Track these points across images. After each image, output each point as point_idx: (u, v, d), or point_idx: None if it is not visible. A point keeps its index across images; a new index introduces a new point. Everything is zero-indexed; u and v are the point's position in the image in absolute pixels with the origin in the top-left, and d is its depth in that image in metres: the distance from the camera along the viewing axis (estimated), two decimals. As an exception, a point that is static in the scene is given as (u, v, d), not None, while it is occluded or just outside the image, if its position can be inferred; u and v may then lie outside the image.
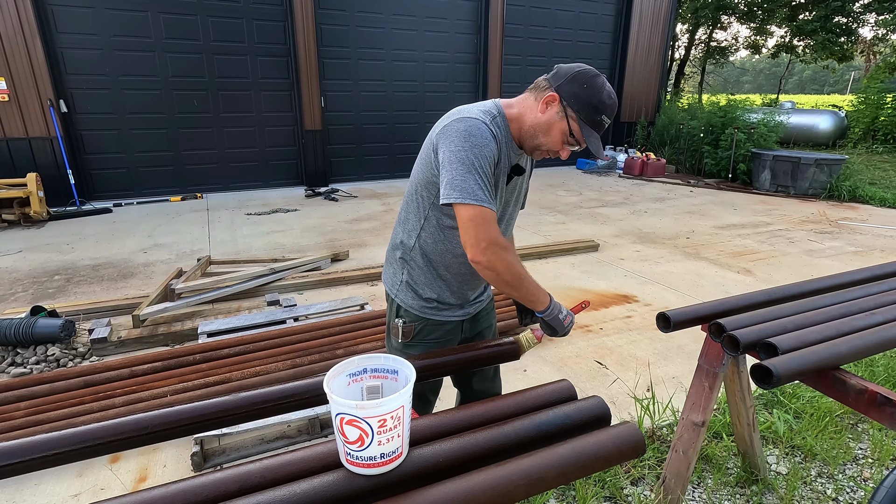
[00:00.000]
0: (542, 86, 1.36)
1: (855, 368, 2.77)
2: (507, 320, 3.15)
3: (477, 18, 8.90)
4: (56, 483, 2.03)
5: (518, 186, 1.51)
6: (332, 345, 2.82)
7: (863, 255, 4.99)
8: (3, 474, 0.94)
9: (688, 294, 3.97)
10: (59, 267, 4.48)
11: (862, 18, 18.22)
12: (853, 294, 1.74)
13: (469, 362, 1.39)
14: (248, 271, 4.00)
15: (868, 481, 2.06)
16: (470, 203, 1.25)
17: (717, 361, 1.64)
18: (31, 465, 0.95)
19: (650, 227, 6.01)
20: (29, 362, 2.87)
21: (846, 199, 7.58)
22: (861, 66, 29.38)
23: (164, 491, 0.81)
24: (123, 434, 1.02)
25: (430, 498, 0.80)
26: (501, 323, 3.09)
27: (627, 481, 2.03)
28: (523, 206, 1.64)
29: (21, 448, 0.95)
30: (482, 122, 1.31)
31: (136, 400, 2.33)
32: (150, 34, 6.84)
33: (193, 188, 7.56)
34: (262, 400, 1.14)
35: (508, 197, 1.49)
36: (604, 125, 1.34)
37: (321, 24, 7.70)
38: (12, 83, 6.22)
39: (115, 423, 1.03)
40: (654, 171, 9.54)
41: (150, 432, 1.04)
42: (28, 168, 6.32)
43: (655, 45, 10.67)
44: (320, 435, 2.29)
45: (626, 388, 2.68)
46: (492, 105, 1.39)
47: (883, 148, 13.15)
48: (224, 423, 1.12)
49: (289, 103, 7.87)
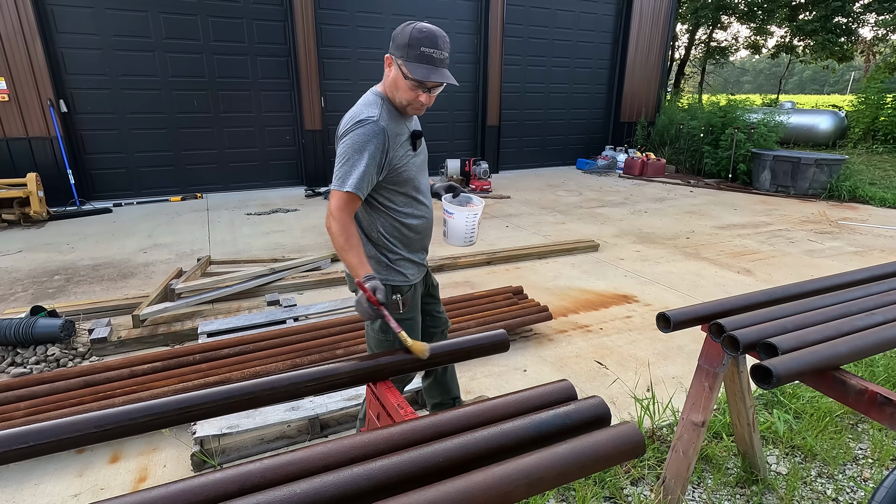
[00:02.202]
0: (386, 59, 1.60)
1: (855, 368, 2.77)
2: (508, 321, 3.15)
3: (477, 18, 8.91)
4: (56, 483, 2.03)
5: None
6: (332, 345, 2.82)
7: (863, 255, 4.99)
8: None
9: (688, 294, 3.97)
10: (59, 267, 4.48)
11: (862, 18, 18.21)
12: (853, 294, 1.74)
13: (465, 352, 1.45)
14: (248, 271, 4.00)
15: (868, 481, 2.06)
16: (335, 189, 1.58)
17: (717, 361, 1.64)
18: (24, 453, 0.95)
19: (650, 227, 6.01)
20: (29, 362, 2.87)
21: (846, 199, 7.58)
22: (861, 66, 29.38)
23: (164, 491, 0.81)
24: (120, 422, 1.02)
25: (430, 498, 0.80)
26: (502, 323, 3.10)
27: (627, 481, 2.03)
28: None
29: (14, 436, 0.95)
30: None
31: (136, 400, 2.32)
32: (150, 34, 6.84)
33: (193, 188, 7.56)
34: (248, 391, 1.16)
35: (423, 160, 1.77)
36: (432, 56, 1.51)
37: (321, 24, 7.70)
38: (12, 83, 6.22)
39: (114, 410, 1.03)
40: (654, 171, 9.54)
41: (154, 418, 1.04)
42: (28, 168, 6.32)
43: (655, 45, 10.67)
44: (320, 435, 2.29)
45: (626, 388, 2.68)
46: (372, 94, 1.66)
47: (883, 148, 13.15)
48: (212, 413, 1.14)
49: (289, 103, 7.87)
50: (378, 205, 1.69)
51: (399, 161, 1.63)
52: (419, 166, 1.74)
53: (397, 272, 1.76)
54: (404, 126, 1.66)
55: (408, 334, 1.41)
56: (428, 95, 1.58)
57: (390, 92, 1.61)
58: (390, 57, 1.57)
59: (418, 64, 1.51)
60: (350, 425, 2.36)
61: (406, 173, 1.67)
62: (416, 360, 1.37)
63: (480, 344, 1.45)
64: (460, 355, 1.44)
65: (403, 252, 1.75)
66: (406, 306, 1.77)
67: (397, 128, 1.62)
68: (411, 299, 1.81)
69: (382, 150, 1.57)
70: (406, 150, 1.65)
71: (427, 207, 1.79)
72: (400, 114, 1.64)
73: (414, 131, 1.69)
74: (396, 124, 1.62)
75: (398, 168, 1.64)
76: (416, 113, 1.66)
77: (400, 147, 1.63)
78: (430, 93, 1.58)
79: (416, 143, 1.69)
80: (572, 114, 10.54)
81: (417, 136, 1.69)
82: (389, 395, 1.29)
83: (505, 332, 1.49)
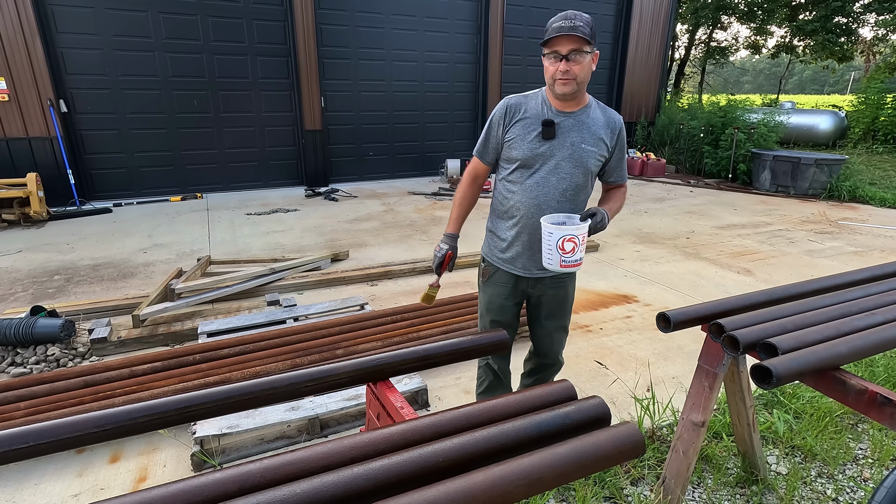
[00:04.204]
0: None
1: (855, 368, 2.77)
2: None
3: (477, 18, 8.91)
4: (56, 483, 2.03)
5: (561, 137, 1.75)
6: (332, 345, 2.82)
7: (863, 255, 4.99)
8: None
9: (688, 294, 3.97)
10: (59, 267, 4.48)
11: (862, 18, 18.20)
12: (853, 294, 1.74)
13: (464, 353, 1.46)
14: (248, 271, 4.00)
15: (868, 481, 2.06)
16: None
17: (717, 361, 1.64)
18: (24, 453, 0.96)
19: (650, 227, 6.01)
20: (29, 362, 2.87)
21: (846, 199, 7.58)
22: (861, 66, 29.37)
23: (164, 491, 0.81)
24: (120, 422, 1.02)
25: (430, 498, 0.80)
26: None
27: (627, 481, 2.03)
28: (604, 175, 1.94)
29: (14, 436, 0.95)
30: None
31: (136, 400, 2.33)
32: (150, 34, 6.84)
33: (193, 188, 7.56)
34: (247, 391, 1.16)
35: (548, 149, 1.76)
36: (561, 26, 1.60)
37: (321, 24, 7.70)
38: (12, 83, 6.22)
39: (114, 410, 1.03)
40: (654, 171, 9.54)
41: (154, 418, 1.04)
42: (28, 168, 6.32)
43: (655, 45, 10.67)
44: (320, 435, 2.29)
45: (626, 388, 2.68)
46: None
47: (883, 148, 13.15)
48: (212, 413, 1.14)
49: (289, 103, 7.87)
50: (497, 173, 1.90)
51: (512, 137, 1.75)
52: (540, 155, 1.74)
53: (486, 241, 1.98)
54: (543, 111, 1.73)
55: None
56: (565, 62, 1.62)
57: (548, 83, 1.71)
58: (544, 51, 1.68)
59: (546, 38, 1.63)
60: (350, 425, 2.36)
61: (515, 152, 1.76)
62: (416, 360, 1.37)
63: (480, 344, 1.45)
64: (460, 355, 1.44)
65: (492, 225, 1.93)
66: (485, 277, 1.96)
67: (531, 110, 1.74)
68: (492, 278, 1.95)
69: (499, 122, 1.77)
70: (529, 132, 1.73)
71: (526, 198, 1.78)
72: (556, 102, 1.72)
73: (545, 119, 1.72)
74: (533, 108, 1.74)
75: (508, 142, 1.77)
76: (564, 89, 1.66)
77: (521, 126, 1.74)
78: (568, 60, 1.62)
79: (546, 130, 1.71)
80: (572, 114, 10.53)
81: (547, 124, 1.71)
82: (389, 395, 1.29)
83: (505, 332, 1.49)
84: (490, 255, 1.93)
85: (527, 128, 1.72)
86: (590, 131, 1.75)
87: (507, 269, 1.89)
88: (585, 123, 1.74)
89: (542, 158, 1.74)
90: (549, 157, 1.74)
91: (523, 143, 1.73)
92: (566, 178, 1.76)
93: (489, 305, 1.98)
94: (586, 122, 1.74)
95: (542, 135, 1.70)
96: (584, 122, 1.74)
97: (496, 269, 1.92)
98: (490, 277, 1.94)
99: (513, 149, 1.75)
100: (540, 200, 1.77)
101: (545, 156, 1.73)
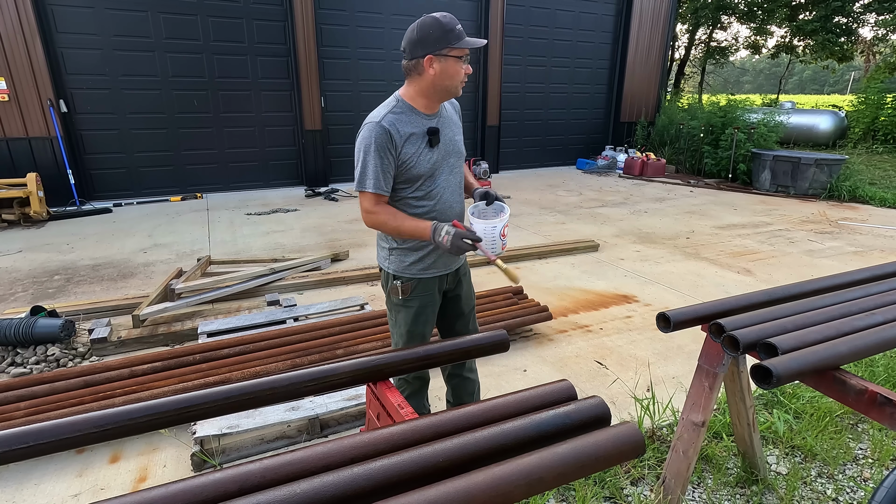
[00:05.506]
0: (410, 66, 1.70)
1: (855, 368, 2.77)
2: (508, 320, 3.15)
3: (477, 18, 8.90)
4: (56, 483, 2.03)
5: (442, 139, 1.79)
6: (332, 345, 2.82)
7: (863, 255, 4.99)
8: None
9: (688, 294, 3.97)
10: (59, 267, 4.48)
11: (862, 18, 18.20)
12: (853, 294, 1.74)
13: (464, 353, 1.45)
14: (248, 271, 4.00)
15: (868, 481, 2.06)
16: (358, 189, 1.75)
17: (717, 361, 1.64)
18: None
19: (650, 227, 6.01)
20: (29, 362, 2.87)
21: (846, 199, 7.58)
22: (861, 66, 29.37)
23: (164, 491, 0.81)
24: (120, 422, 1.02)
25: (430, 498, 0.80)
26: (502, 323, 3.10)
27: (627, 481, 2.03)
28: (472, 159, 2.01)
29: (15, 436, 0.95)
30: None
31: (136, 400, 2.32)
32: (150, 34, 6.84)
33: (193, 188, 7.56)
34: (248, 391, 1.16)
35: (438, 154, 1.79)
36: (462, 31, 1.65)
37: (321, 24, 7.70)
38: (12, 83, 6.22)
39: (114, 410, 1.03)
40: (654, 171, 9.54)
41: (153, 418, 1.04)
42: (28, 168, 6.32)
43: (655, 45, 10.67)
44: (320, 435, 2.29)
45: (626, 388, 2.68)
46: (391, 98, 1.77)
47: (883, 148, 13.15)
48: (212, 413, 1.14)
49: (289, 103, 7.87)
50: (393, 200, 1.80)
51: (408, 157, 1.70)
52: (436, 162, 1.77)
53: (392, 260, 1.89)
54: (420, 124, 1.72)
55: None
56: (468, 66, 1.72)
57: (431, 88, 1.69)
58: (430, 56, 1.63)
59: (461, 41, 1.64)
60: (350, 425, 2.37)
61: (417, 169, 1.73)
62: (416, 360, 1.37)
63: (480, 344, 1.45)
64: (460, 355, 1.44)
65: (400, 244, 1.85)
66: (405, 294, 1.86)
67: (409, 126, 1.70)
68: (415, 291, 1.87)
69: (387, 148, 1.67)
70: (420, 146, 1.71)
71: (438, 203, 1.80)
72: (421, 111, 1.73)
73: (429, 128, 1.73)
74: (408, 123, 1.70)
75: (405, 164, 1.71)
76: (460, 90, 1.74)
77: (411, 144, 1.70)
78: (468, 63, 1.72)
79: (433, 139, 1.73)
80: (572, 114, 10.54)
81: (433, 132, 1.73)
82: (389, 395, 1.29)
83: (505, 332, 1.49)
84: (405, 270, 1.84)
85: (416, 143, 1.71)
86: (453, 122, 1.86)
87: (430, 275, 1.85)
88: (446, 117, 1.83)
89: (438, 165, 1.78)
90: (442, 161, 1.80)
91: (422, 158, 1.73)
92: (457, 171, 1.87)
93: (418, 319, 1.89)
94: (446, 115, 1.83)
95: (430, 143, 1.74)
96: (445, 117, 1.82)
97: (417, 280, 1.84)
98: (412, 292, 1.86)
99: (413, 168, 1.72)
100: (449, 202, 1.83)
101: (439, 161, 1.78)
